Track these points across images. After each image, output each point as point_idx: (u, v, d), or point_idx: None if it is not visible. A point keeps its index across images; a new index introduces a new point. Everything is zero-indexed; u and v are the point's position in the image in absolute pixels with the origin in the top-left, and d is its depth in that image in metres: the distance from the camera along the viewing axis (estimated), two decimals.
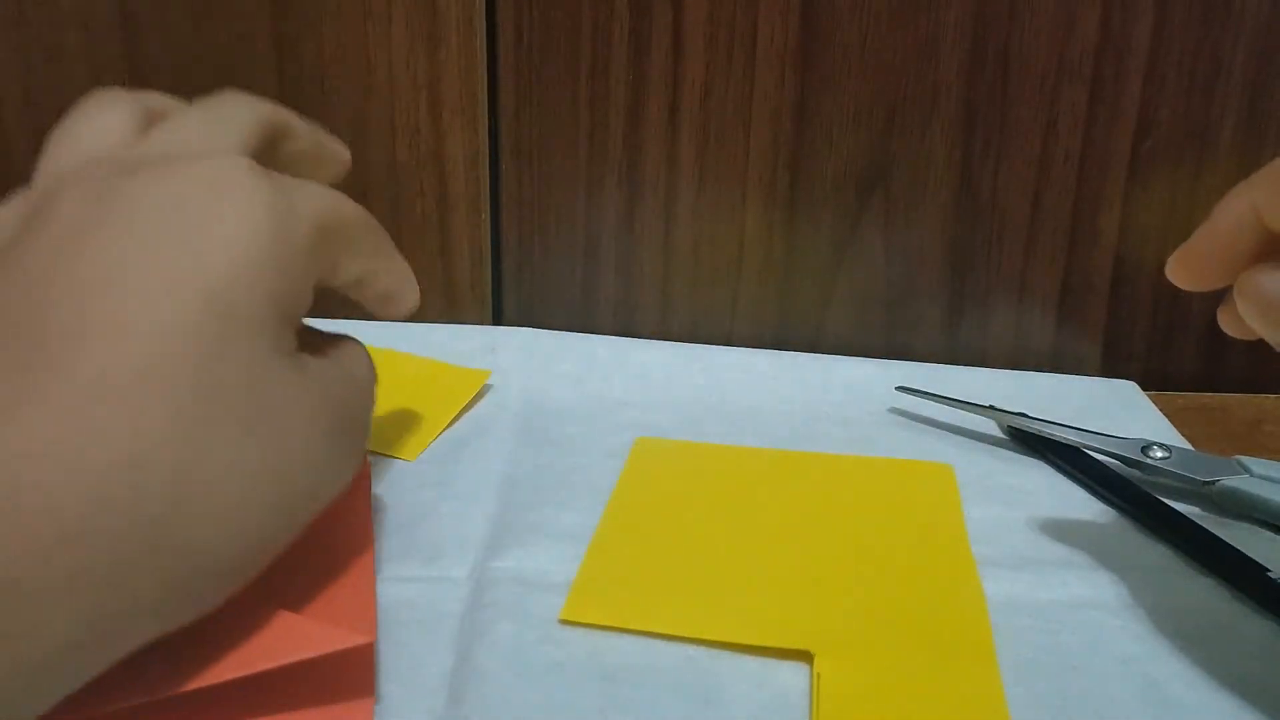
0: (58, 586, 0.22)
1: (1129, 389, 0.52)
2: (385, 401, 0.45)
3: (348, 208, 0.32)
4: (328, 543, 0.35)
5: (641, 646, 0.32)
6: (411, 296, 0.35)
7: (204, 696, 0.27)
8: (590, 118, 0.50)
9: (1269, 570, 0.36)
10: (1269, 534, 0.40)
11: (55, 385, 0.24)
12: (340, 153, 0.37)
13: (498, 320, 0.53)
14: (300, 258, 0.28)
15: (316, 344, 0.31)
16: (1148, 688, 0.32)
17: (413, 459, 0.42)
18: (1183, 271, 0.31)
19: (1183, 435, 0.47)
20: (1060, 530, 0.40)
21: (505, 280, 0.53)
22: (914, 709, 0.30)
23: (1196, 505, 0.41)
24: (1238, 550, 0.38)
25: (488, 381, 0.47)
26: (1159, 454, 0.43)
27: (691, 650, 0.32)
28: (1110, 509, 0.41)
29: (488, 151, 0.51)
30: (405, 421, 0.44)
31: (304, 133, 0.35)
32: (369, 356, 0.34)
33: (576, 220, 0.52)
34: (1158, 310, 0.54)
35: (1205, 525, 0.39)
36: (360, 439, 0.32)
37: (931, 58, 0.49)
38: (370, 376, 0.33)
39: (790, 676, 0.31)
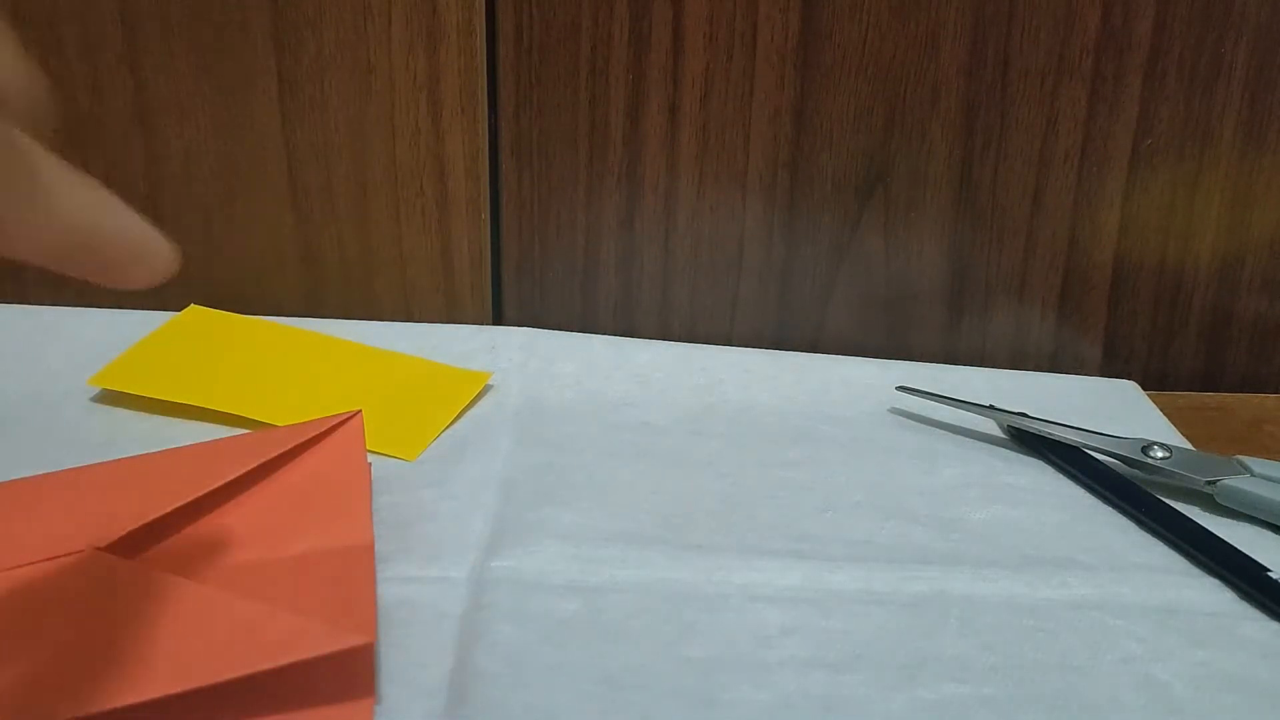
0: None
1: (1129, 388, 0.52)
2: (386, 402, 0.45)
3: None
4: (327, 543, 0.35)
5: (642, 650, 0.32)
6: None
7: (205, 696, 0.27)
8: (590, 117, 0.50)
9: (1269, 570, 0.36)
10: (1269, 534, 0.40)
11: None
12: None
13: (498, 320, 0.53)
14: None
15: None
16: (1148, 688, 0.32)
17: (413, 459, 0.42)
18: None
19: (1183, 435, 0.47)
20: (1060, 530, 0.40)
21: (505, 280, 0.53)
22: None
23: (1196, 505, 0.41)
24: (1238, 550, 0.38)
25: (488, 381, 0.47)
26: (1159, 454, 0.43)
27: (691, 653, 0.32)
28: (1110, 509, 0.41)
29: (488, 151, 0.51)
30: (406, 422, 0.44)
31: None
32: None
33: (576, 220, 0.52)
34: (1158, 310, 0.53)
35: (1205, 525, 0.39)
36: None
37: (931, 56, 0.49)
38: None
39: (792, 678, 0.31)
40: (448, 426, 0.44)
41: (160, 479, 0.37)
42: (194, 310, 0.51)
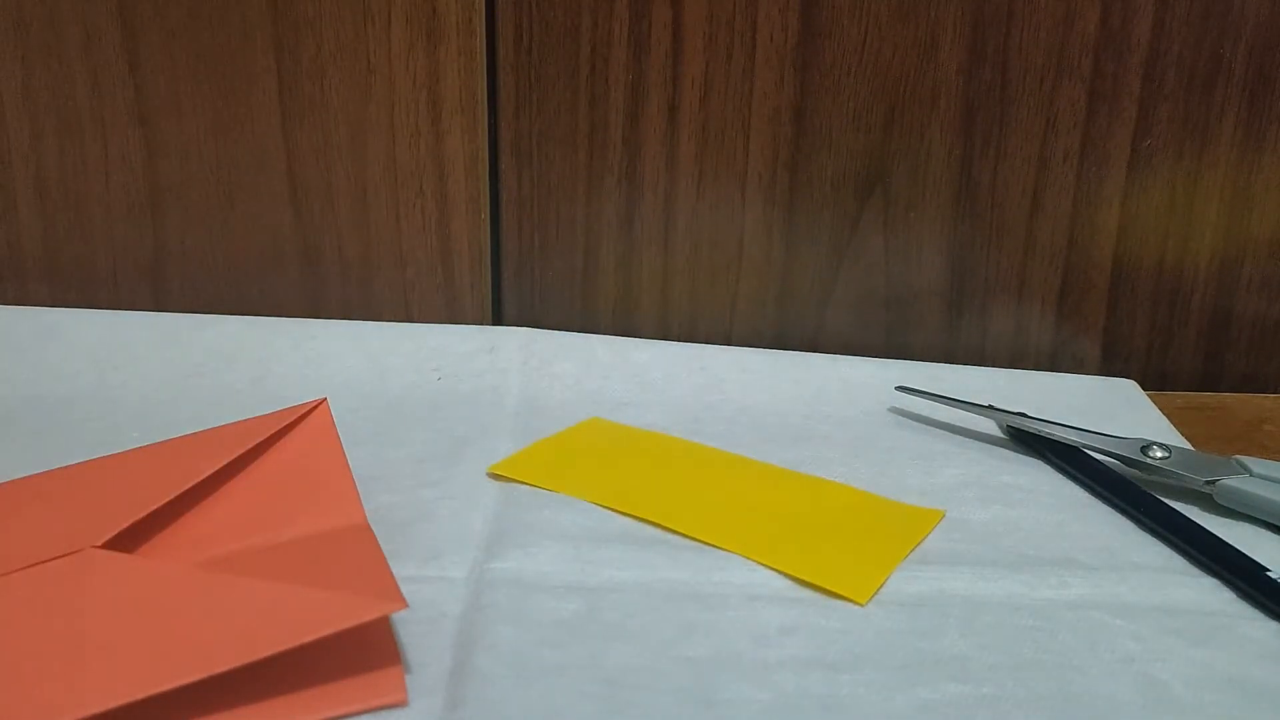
0: None
1: (1129, 388, 0.52)
2: (822, 530, 0.39)
3: None
4: (321, 527, 0.35)
5: (642, 651, 0.32)
6: None
7: (247, 675, 0.27)
8: (590, 118, 0.50)
9: (1269, 570, 0.36)
10: (1268, 534, 0.40)
11: None
12: None
13: (498, 320, 0.53)
14: None
15: None
16: (1147, 687, 0.32)
17: (863, 602, 0.35)
18: None
19: (1183, 435, 0.47)
20: (1060, 530, 0.40)
21: (505, 280, 0.53)
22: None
23: (1196, 505, 0.41)
24: (1238, 550, 0.38)
25: (488, 382, 0.47)
26: (1159, 454, 0.43)
27: (691, 653, 0.32)
28: (1110, 509, 0.41)
29: (487, 151, 0.51)
30: (848, 556, 0.37)
31: None
32: None
33: (576, 220, 0.52)
34: (1157, 309, 0.53)
35: (1205, 525, 0.39)
36: None
37: (931, 57, 0.49)
38: None
39: (792, 678, 0.31)
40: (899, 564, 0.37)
41: (138, 477, 0.36)
42: (594, 421, 0.46)
